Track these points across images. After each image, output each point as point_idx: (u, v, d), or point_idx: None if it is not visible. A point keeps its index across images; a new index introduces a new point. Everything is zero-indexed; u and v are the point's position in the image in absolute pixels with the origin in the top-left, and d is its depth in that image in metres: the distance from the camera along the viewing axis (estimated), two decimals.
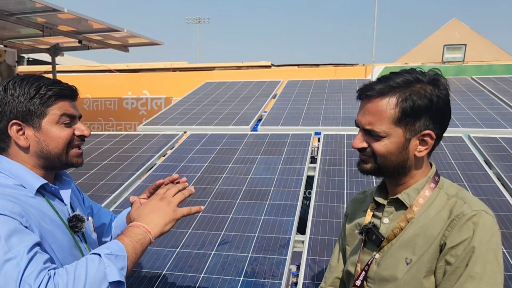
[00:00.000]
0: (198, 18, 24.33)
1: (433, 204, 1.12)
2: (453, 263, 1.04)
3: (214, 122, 4.21)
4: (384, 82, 1.12)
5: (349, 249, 1.33)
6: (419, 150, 1.12)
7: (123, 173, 3.16)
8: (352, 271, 1.25)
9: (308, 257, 2.10)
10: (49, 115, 1.19)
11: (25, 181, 1.17)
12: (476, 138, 3.37)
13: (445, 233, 1.06)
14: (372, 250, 1.19)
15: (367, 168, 1.17)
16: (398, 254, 1.12)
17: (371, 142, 1.14)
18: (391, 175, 1.17)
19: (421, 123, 1.09)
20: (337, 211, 2.48)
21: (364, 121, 1.14)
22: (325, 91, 5.20)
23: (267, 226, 2.35)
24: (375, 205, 1.23)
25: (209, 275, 1.99)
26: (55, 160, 1.22)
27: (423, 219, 1.11)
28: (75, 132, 1.24)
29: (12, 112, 1.16)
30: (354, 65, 9.25)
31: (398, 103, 1.08)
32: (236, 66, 10.05)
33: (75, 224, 1.24)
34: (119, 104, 9.34)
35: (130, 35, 6.19)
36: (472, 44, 11.79)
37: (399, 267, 1.11)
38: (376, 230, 1.18)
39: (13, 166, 1.18)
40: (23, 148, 1.19)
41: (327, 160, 3.15)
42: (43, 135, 1.19)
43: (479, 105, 4.26)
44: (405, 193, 1.15)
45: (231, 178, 2.96)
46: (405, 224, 1.13)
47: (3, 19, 4.86)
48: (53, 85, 1.19)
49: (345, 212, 1.41)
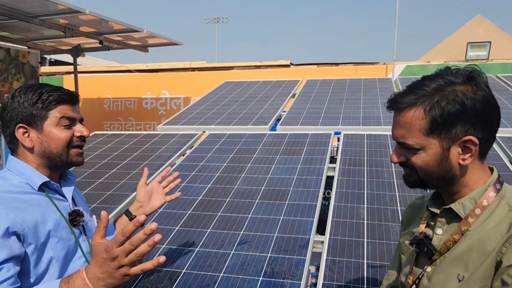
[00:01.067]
0: (216, 18, 24.38)
1: (492, 215, 1.01)
2: (510, 284, 0.94)
3: (233, 122, 4.21)
4: (411, 90, 1.04)
5: (404, 258, 1.25)
6: (463, 158, 1.02)
7: (141, 172, 3.18)
8: (404, 282, 1.19)
9: (328, 258, 2.07)
10: (50, 118, 1.31)
11: (29, 179, 1.30)
12: (501, 138, 3.29)
13: (502, 249, 0.96)
14: (424, 263, 1.12)
15: (411, 181, 1.10)
16: (449, 269, 1.04)
17: (408, 155, 1.07)
18: (439, 186, 1.09)
19: (458, 129, 0.99)
20: (357, 212, 2.45)
21: (396, 134, 1.08)
22: (345, 90, 5.15)
23: (286, 226, 2.34)
24: (430, 213, 1.14)
25: (229, 274, 1.99)
26: (56, 159, 1.33)
27: (479, 232, 1.01)
28: (75, 133, 1.35)
29: (18, 116, 1.30)
30: (375, 63, 9.14)
31: (426, 113, 1.00)
32: (254, 66, 10.04)
33: (74, 218, 1.35)
34: (139, 104, 9.44)
35: (150, 36, 6.25)
36: (497, 41, 11.51)
37: (450, 283, 1.03)
38: (428, 241, 1.10)
39: (20, 165, 1.32)
40: (28, 148, 1.32)
41: (347, 160, 3.12)
42: (45, 137, 1.32)
43: (504, 104, 4.16)
44: (460, 202, 1.05)
45: (250, 178, 2.96)
46: (459, 237, 1.03)
47: (27, 21, 4.96)
48: (53, 91, 1.33)
49: (401, 219, 1.33)
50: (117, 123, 9.58)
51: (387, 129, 3.63)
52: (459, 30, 15.66)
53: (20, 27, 5.44)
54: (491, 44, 8.36)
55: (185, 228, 2.41)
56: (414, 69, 8.42)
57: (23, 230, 1.18)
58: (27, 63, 5.43)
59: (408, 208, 1.30)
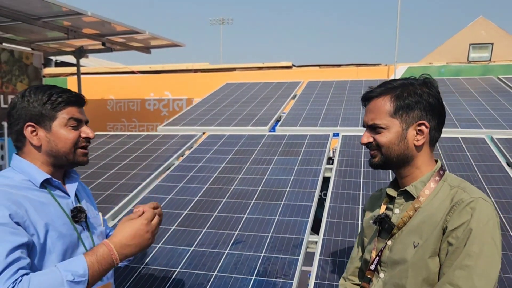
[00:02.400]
0: (221, 19, 24.48)
1: (437, 195, 1.25)
2: (454, 244, 1.16)
3: (233, 122, 4.24)
4: (382, 86, 1.32)
5: (367, 240, 1.45)
6: (417, 139, 1.27)
7: (142, 173, 3.21)
8: (368, 258, 1.37)
9: (321, 258, 2.09)
10: (58, 119, 1.36)
11: (31, 176, 1.35)
12: (498, 140, 3.29)
13: (447, 218, 1.19)
14: (385, 238, 1.32)
15: (375, 161, 1.32)
16: (407, 239, 1.25)
17: (375, 136, 1.30)
18: (397, 165, 1.30)
19: (415, 114, 1.26)
20: (352, 213, 2.46)
21: (367, 118, 1.32)
22: (346, 92, 5.16)
23: (281, 226, 2.36)
24: (388, 198, 1.37)
25: (222, 273, 2.01)
26: (63, 158, 1.38)
27: (429, 208, 1.24)
28: (81, 135, 1.40)
29: (27, 115, 1.34)
30: (377, 65, 9.14)
31: (392, 99, 1.27)
32: (257, 67, 10.06)
33: (75, 214, 1.39)
34: (142, 105, 9.49)
35: (152, 37, 6.30)
36: (499, 43, 11.46)
37: (408, 250, 1.23)
38: (388, 219, 1.32)
39: (23, 164, 1.37)
40: (36, 147, 1.36)
41: (344, 161, 3.13)
42: (53, 136, 1.36)
43: (504, 106, 4.15)
44: (413, 185, 1.29)
45: (247, 178, 2.98)
46: (413, 213, 1.26)
47: (31, 23, 5.01)
48: (62, 92, 1.38)
49: (364, 208, 1.54)
50: (120, 124, 9.64)
51: None
52: (461, 32, 15.59)
53: (24, 28, 5.51)
54: (493, 46, 8.32)
55: (181, 227, 2.43)
56: (416, 70, 8.41)
57: (24, 223, 1.22)
58: (30, 65, 5.48)
59: (369, 199, 1.53)
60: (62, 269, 1.16)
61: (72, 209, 1.39)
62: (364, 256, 1.43)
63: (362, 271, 1.45)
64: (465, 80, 5.47)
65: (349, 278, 1.51)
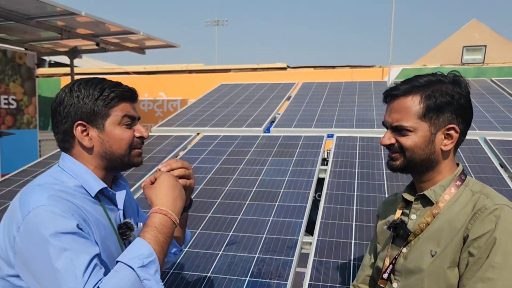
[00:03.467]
0: (217, 21, 24.47)
1: (458, 200, 1.17)
2: (476, 254, 1.07)
3: (227, 123, 4.23)
4: (408, 83, 1.21)
5: (380, 247, 1.38)
6: (445, 144, 1.18)
7: (136, 173, 3.20)
8: (381, 266, 1.30)
9: (315, 259, 2.09)
10: (112, 116, 1.21)
11: (86, 183, 1.18)
12: (492, 141, 3.31)
13: (468, 226, 1.11)
14: (400, 245, 1.25)
15: (396, 165, 1.23)
16: (423, 247, 1.18)
17: (399, 138, 1.21)
18: (420, 170, 1.22)
19: (445, 117, 1.17)
20: (346, 214, 2.46)
21: (391, 119, 1.22)
22: (340, 93, 5.17)
23: (275, 227, 2.36)
24: (404, 203, 1.30)
25: (216, 274, 2.00)
26: (118, 160, 1.23)
27: (448, 214, 1.16)
28: (135, 134, 1.25)
29: (77, 113, 1.18)
30: (371, 67, 9.17)
31: (422, 100, 1.17)
32: (251, 68, 10.07)
33: (124, 232, 1.25)
34: (136, 106, 9.44)
35: (147, 38, 6.28)
36: (492, 45, 11.55)
37: (424, 259, 1.16)
38: (404, 225, 1.24)
39: (77, 167, 1.20)
40: (87, 148, 1.20)
41: (338, 162, 3.14)
42: (107, 136, 1.20)
43: (497, 108, 4.18)
44: (432, 190, 1.21)
45: (242, 179, 2.97)
46: (431, 219, 1.19)
47: (24, 23, 4.98)
48: (115, 87, 1.23)
49: (377, 213, 1.47)
50: None
51: (380, 131, 3.65)
52: (455, 34, 15.74)
53: (17, 28, 5.47)
54: (487, 48, 8.39)
55: None
56: (411, 72, 8.45)
57: (89, 236, 1.09)
58: (23, 65, 5.45)
59: (383, 204, 1.45)
60: (126, 260, 1.01)
61: (121, 224, 1.25)
62: (376, 263, 1.37)
63: (374, 279, 1.39)
64: None
65: (360, 286, 1.45)
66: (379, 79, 8.14)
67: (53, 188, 1.11)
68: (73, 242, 1.02)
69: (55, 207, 1.05)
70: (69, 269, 0.98)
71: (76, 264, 0.98)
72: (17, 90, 5.30)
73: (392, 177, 2.78)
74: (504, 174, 2.77)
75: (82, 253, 1.01)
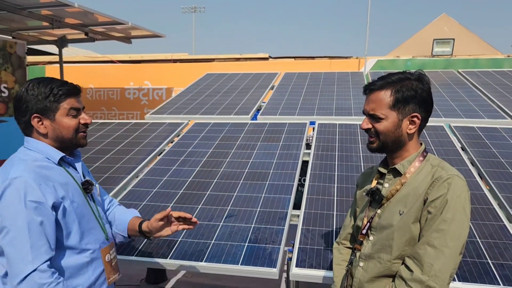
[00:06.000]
0: (193, 7, 24.35)
1: (421, 172, 1.49)
2: (432, 212, 1.39)
3: (216, 111, 4.52)
4: (383, 79, 1.51)
5: (359, 210, 1.70)
6: (410, 128, 1.48)
7: (136, 157, 3.48)
8: (360, 225, 1.62)
9: (303, 227, 2.44)
10: (60, 109, 1.59)
11: (49, 155, 1.59)
12: (455, 127, 3.72)
13: (428, 191, 1.42)
14: (375, 208, 1.56)
15: (374, 146, 1.54)
16: (394, 208, 1.49)
17: (374, 124, 1.51)
18: (391, 149, 1.53)
19: (410, 107, 1.46)
20: (328, 190, 2.82)
21: (368, 108, 1.53)
22: (320, 83, 5.51)
23: (267, 202, 2.70)
24: (379, 175, 1.61)
25: (219, 241, 2.33)
26: (67, 142, 1.63)
27: (413, 183, 1.47)
28: (80, 121, 1.64)
29: (33, 108, 1.57)
30: (348, 58, 9.56)
31: (392, 93, 1.47)
32: (234, 58, 10.32)
33: (87, 187, 1.67)
34: (122, 94, 9.62)
35: (133, 28, 6.44)
36: (460, 38, 12.13)
37: (394, 217, 1.47)
38: (379, 192, 1.56)
39: (39, 144, 1.60)
40: (43, 134, 1.60)
41: (320, 147, 3.49)
42: (57, 125, 1.60)
43: (461, 97, 4.61)
44: (401, 164, 1.52)
45: (234, 162, 3.30)
46: (400, 187, 1.50)
47: (16, 13, 5.10)
48: (62, 85, 1.60)
49: (356, 183, 1.80)
50: (100, 113, 9.73)
51: (357, 119, 4.02)
52: (426, 27, 16.33)
53: (5, 17, 5.56)
54: (455, 41, 8.88)
55: (178, 204, 2.73)
56: (385, 63, 8.88)
57: (56, 198, 1.50)
58: (14, 53, 5.56)
59: (361, 175, 1.79)
60: None
61: (84, 182, 1.66)
62: (356, 223, 1.68)
63: (354, 236, 1.71)
64: (428, 73, 5.92)
65: (342, 242, 1.77)
66: (356, 70, 8.53)
67: (26, 161, 1.53)
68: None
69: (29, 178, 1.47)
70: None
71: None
72: (8, 79, 5.43)
73: (368, 159, 3.16)
74: (464, 156, 3.18)
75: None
